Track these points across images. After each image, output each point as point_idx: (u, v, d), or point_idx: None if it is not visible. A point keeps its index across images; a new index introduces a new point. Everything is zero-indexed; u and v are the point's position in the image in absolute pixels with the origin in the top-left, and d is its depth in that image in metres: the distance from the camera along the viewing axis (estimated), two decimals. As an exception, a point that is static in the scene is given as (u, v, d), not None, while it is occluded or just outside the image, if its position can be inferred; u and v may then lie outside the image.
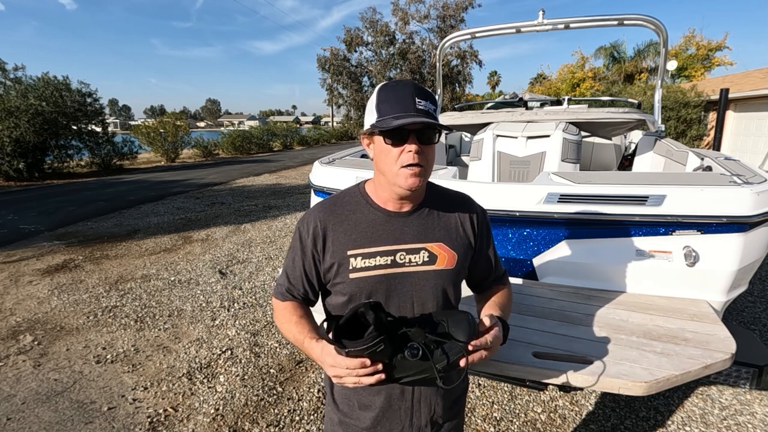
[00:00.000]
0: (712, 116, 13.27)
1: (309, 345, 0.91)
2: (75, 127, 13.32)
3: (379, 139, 0.90)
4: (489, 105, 6.61)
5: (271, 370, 2.74)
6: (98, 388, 2.57)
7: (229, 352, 2.96)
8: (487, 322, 0.89)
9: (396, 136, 0.87)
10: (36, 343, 3.09)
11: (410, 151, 0.86)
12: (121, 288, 4.09)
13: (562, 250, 1.92)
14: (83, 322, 3.41)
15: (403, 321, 0.84)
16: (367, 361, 0.77)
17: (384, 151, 0.89)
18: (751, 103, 11.28)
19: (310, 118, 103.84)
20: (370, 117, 0.91)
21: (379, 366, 0.78)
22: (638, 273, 1.83)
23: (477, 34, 3.75)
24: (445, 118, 4.03)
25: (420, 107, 0.85)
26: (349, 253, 0.94)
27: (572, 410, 2.31)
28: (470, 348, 0.82)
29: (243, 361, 2.84)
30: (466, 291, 1.13)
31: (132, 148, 15.52)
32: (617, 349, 1.39)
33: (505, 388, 2.50)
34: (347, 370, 0.79)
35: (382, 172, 0.93)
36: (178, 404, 2.42)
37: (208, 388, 2.57)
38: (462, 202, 1.06)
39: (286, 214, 7.20)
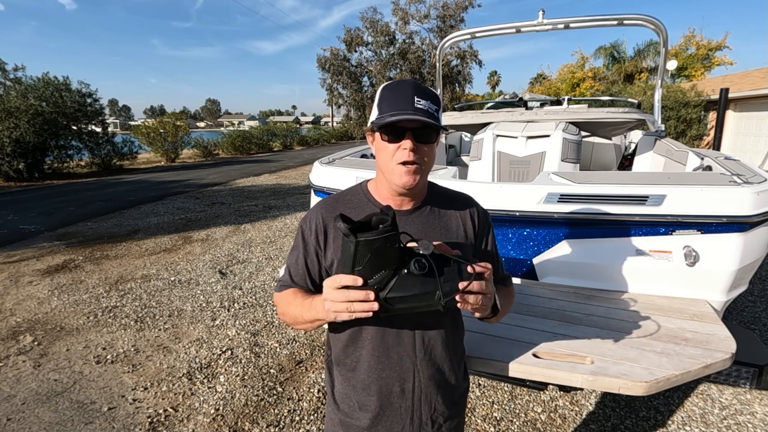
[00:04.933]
0: (712, 116, 13.27)
1: (317, 300, 0.88)
2: (75, 128, 13.33)
3: (378, 136, 0.92)
4: (489, 105, 6.62)
5: (271, 370, 2.74)
6: (98, 388, 2.57)
7: (229, 352, 2.96)
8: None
9: (393, 133, 0.88)
10: (36, 343, 3.09)
11: (405, 148, 0.87)
12: (121, 288, 4.09)
13: (562, 250, 1.92)
14: (83, 323, 3.41)
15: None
16: (359, 280, 0.74)
17: (381, 148, 0.91)
18: (751, 102, 11.28)
19: (310, 118, 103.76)
20: (373, 114, 0.93)
21: (371, 294, 0.74)
22: (638, 273, 1.83)
23: (477, 34, 3.75)
24: (445, 118, 4.03)
25: (418, 106, 0.86)
26: None
27: (572, 410, 2.31)
28: (470, 270, 0.78)
29: (243, 361, 2.84)
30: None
31: (132, 149, 15.52)
32: (617, 349, 1.39)
33: (505, 388, 2.50)
34: (341, 291, 0.76)
35: (380, 169, 0.95)
36: (178, 404, 2.42)
37: (208, 388, 2.57)
38: (463, 203, 1.06)
39: (286, 214, 7.20)
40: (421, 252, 0.76)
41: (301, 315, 0.93)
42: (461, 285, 0.77)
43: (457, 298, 0.77)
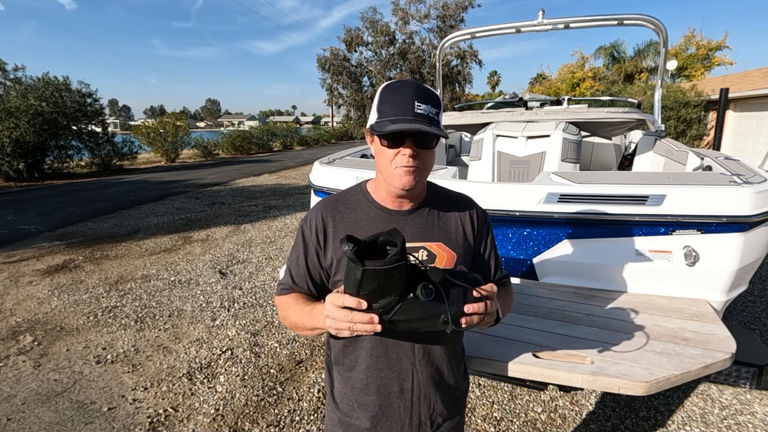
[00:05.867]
0: (712, 116, 13.27)
1: (317, 309, 0.87)
2: (75, 128, 13.33)
3: (377, 139, 0.91)
4: (489, 105, 6.62)
5: (271, 370, 2.74)
6: (98, 388, 2.57)
7: (229, 352, 2.96)
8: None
9: (392, 139, 0.88)
10: (36, 343, 3.09)
11: (405, 154, 0.87)
12: (121, 288, 4.09)
13: (562, 249, 1.92)
14: (83, 323, 3.41)
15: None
16: (363, 303, 0.73)
17: (381, 152, 0.91)
18: (751, 102, 11.28)
19: (310, 118, 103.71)
20: (372, 117, 0.92)
21: (376, 318, 0.74)
22: (638, 273, 1.83)
23: (477, 34, 3.75)
24: (445, 118, 4.03)
25: (419, 111, 0.85)
26: None
27: (572, 410, 2.31)
28: (475, 294, 0.78)
29: (243, 361, 2.84)
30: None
31: (132, 149, 15.52)
32: (617, 349, 1.39)
33: (505, 388, 2.50)
34: (344, 311, 0.75)
35: (379, 171, 0.95)
36: (178, 404, 2.42)
37: (208, 388, 2.57)
38: (463, 203, 1.06)
39: (286, 214, 7.20)
40: (429, 274, 0.75)
41: (301, 322, 0.93)
42: (467, 308, 0.77)
43: (462, 320, 0.78)
